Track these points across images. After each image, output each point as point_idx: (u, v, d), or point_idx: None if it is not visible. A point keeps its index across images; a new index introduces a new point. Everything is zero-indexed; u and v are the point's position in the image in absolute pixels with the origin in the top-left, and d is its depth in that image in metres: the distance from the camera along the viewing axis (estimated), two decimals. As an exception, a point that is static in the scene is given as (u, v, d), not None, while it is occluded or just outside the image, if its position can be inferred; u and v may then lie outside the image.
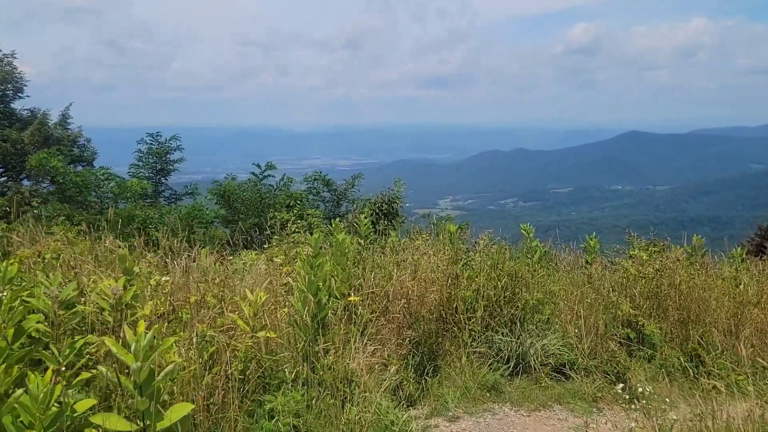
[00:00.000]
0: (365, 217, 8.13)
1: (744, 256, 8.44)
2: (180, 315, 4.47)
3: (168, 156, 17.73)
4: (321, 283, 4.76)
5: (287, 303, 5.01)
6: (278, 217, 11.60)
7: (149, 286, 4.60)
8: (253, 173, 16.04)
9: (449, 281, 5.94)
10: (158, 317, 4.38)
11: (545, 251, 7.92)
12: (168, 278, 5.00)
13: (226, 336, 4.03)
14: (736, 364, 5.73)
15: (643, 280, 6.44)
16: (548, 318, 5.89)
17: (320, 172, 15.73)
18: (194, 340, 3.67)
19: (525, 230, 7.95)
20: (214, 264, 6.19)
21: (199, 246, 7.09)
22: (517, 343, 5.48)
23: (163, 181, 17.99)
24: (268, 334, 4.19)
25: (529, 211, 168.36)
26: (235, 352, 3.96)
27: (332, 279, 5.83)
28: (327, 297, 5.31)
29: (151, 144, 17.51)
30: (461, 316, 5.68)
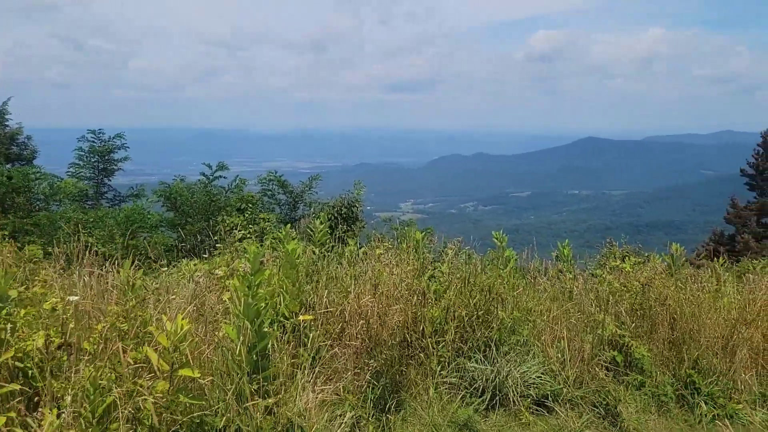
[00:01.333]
0: (321, 223, 7.31)
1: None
2: (84, 347, 3.58)
3: (111, 155, 16.50)
4: (262, 305, 3.92)
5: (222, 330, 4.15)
6: (227, 222, 10.68)
7: (44, 311, 3.69)
8: (203, 174, 15.00)
9: (415, 298, 5.16)
10: (57, 348, 3.49)
11: (515, 260, 7.25)
12: (76, 298, 4.10)
13: (131, 379, 3.16)
14: (734, 390, 5.12)
15: (628, 295, 5.79)
16: (526, 340, 5.16)
17: (275, 173, 14.79)
18: (80, 389, 2.78)
19: (497, 238, 7.23)
20: (141, 277, 5.26)
21: (121, 255, 6.17)
22: (492, 371, 4.72)
23: (106, 181, 16.75)
24: (189, 374, 3.33)
25: (489, 215, 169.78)
26: (144, 399, 3.09)
27: (281, 295, 5.02)
28: (270, 320, 4.47)
29: (93, 142, 16.26)
30: (428, 339, 4.90)
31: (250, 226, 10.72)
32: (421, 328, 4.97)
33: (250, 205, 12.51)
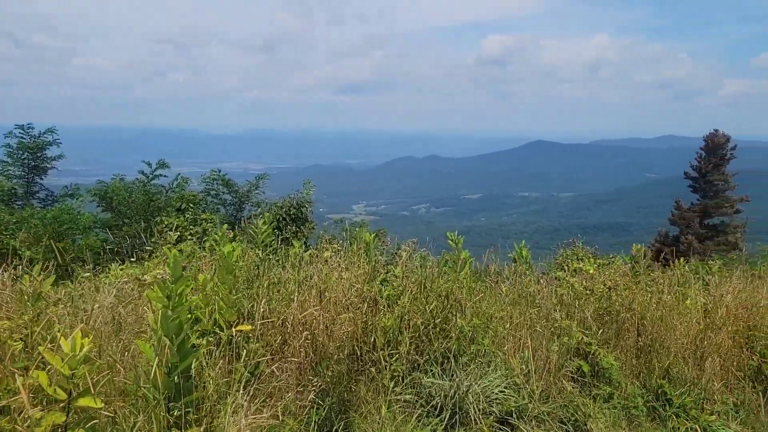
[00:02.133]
0: (264, 223, 6.73)
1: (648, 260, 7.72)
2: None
3: (44, 152, 15.40)
4: (186, 317, 3.34)
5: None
6: (166, 222, 9.95)
7: None
8: (142, 172, 14.10)
9: (365, 306, 4.66)
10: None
11: (471, 262, 6.83)
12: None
13: (16, 411, 2.55)
14: (705, 400, 4.81)
15: (594, 299, 5.43)
16: (487, 350, 4.72)
17: (219, 171, 14.02)
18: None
19: (452, 239, 6.80)
20: (50, 285, 4.58)
21: (44, 259, 5.45)
22: (451, 386, 4.25)
23: (38, 180, 15.62)
24: (89, 404, 2.74)
25: (441, 216, 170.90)
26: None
27: (216, 303, 4.45)
28: (201, 333, 3.90)
29: (22, 137, 15.12)
30: (380, 352, 4.39)
31: (192, 227, 10.02)
32: (373, 340, 4.46)
33: (192, 205, 11.76)
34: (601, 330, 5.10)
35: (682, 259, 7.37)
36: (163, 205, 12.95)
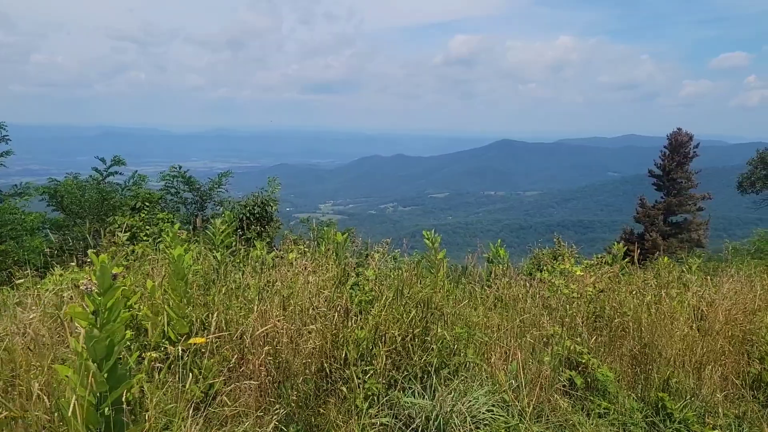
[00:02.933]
0: (223, 222, 6.16)
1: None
2: None
3: (-9, 149, 14.46)
4: (117, 338, 2.77)
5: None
6: (119, 222, 9.26)
7: None
8: (96, 169, 13.26)
9: (336, 315, 4.13)
10: None
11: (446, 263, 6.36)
12: None
13: None
14: (706, 413, 4.42)
15: (582, 302, 5.01)
16: (470, 362, 4.25)
17: (179, 168, 13.24)
18: None
19: (429, 239, 6.33)
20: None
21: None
22: (433, 406, 3.75)
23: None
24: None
25: (408, 215, 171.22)
26: None
27: (165, 313, 3.90)
28: (137, 354, 3.32)
29: (-33, 134, 14.17)
30: (353, 368, 3.86)
31: (147, 227, 9.34)
32: (344, 354, 3.93)
33: (148, 204, 11.01)
34: (594, 337, 4.67)
35: (665, 258, 7.04)
36: (118, 204, 12.18)
